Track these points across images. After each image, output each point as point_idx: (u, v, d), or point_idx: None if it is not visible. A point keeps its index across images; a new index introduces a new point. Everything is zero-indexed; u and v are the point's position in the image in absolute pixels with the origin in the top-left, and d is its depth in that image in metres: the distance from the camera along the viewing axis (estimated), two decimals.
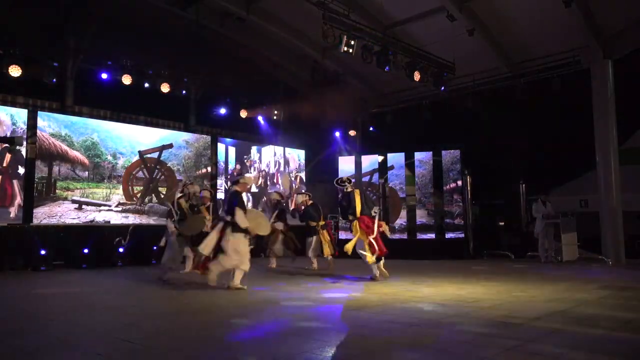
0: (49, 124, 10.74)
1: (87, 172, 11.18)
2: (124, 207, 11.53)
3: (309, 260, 10.14)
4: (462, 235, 13.45)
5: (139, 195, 11.85)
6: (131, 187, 11.76)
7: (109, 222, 11.23)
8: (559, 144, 13.85)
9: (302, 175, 15.75)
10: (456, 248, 13.32)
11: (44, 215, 10.43)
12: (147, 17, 11.48)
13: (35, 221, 10.29)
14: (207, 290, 6.82)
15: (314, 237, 10.00)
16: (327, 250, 9.80)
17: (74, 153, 11.02)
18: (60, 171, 10.82)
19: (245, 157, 14.39)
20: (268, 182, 14.81)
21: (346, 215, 8.34)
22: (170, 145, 12.48)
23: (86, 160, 11.18)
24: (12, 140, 9.49)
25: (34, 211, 10.31)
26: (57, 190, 10.69)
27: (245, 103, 13.34)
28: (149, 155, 12.17)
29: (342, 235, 13.27)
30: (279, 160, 15.26)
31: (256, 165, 14.60)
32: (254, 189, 14.15)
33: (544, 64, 12.35)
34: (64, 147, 10.89)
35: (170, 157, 12.63)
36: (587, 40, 11.60)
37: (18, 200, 10.09)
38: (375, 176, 14.53)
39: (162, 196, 12.18)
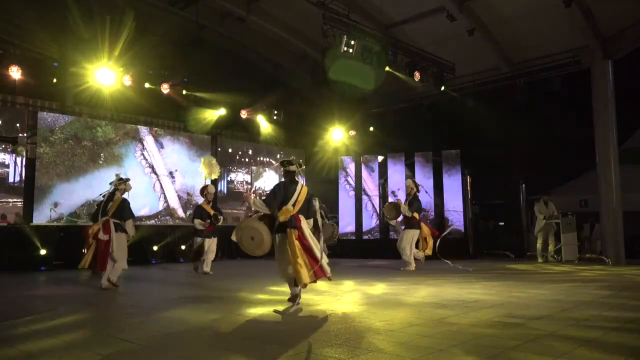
0: (49, 123, 10.76)
1: None
2: None
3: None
4: (462, 235, 13.44)
5: None
6: None
7: None
8: (559, 144, 13.86)
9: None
10: (456, 248, 13.30)
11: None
12: (147, 17, 11.48)
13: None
14: (204, 290, 6.81)
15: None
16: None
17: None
18: None
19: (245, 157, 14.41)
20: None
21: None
22: None
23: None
24: (14, 140, 9.52)
25: None
26: None
27: (245, 103, 13.33)
28: None
29: None
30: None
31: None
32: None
33: (544, 64, 12.37)
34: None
35: (169, 158, 12.65)
36: (587, 40, 11.60)
37: None
38: (375, 180, 14.52)
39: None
